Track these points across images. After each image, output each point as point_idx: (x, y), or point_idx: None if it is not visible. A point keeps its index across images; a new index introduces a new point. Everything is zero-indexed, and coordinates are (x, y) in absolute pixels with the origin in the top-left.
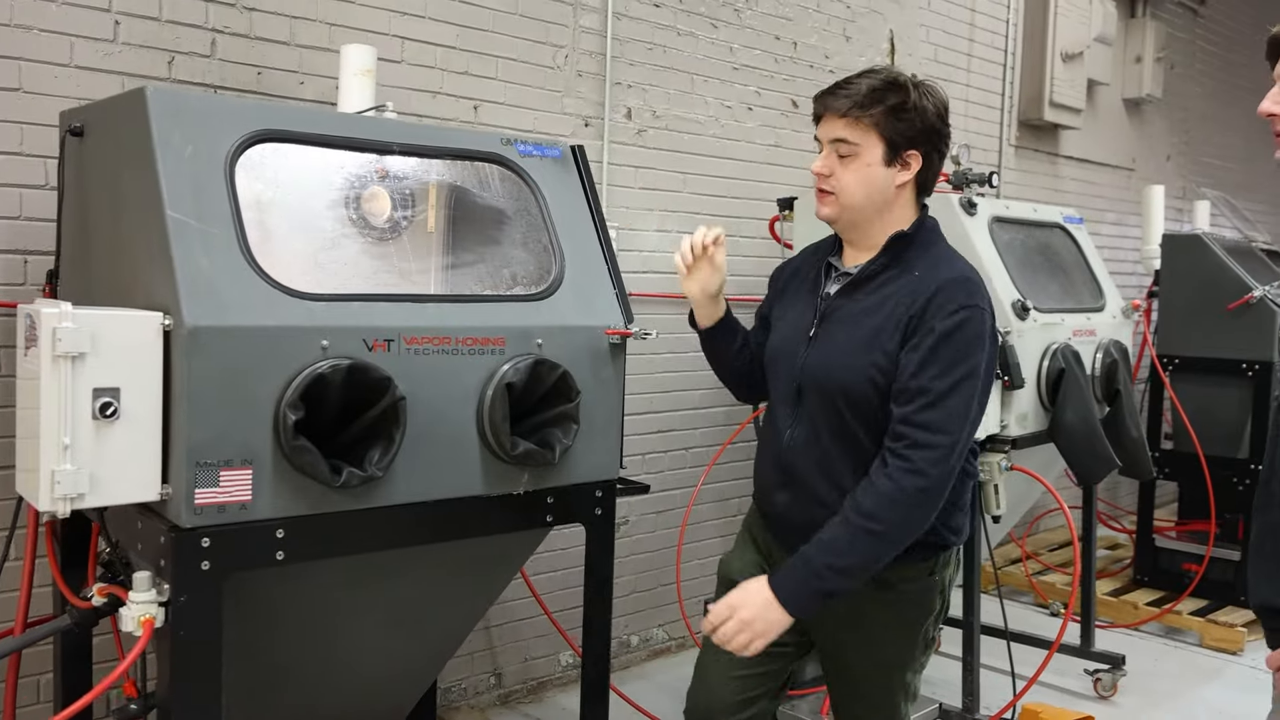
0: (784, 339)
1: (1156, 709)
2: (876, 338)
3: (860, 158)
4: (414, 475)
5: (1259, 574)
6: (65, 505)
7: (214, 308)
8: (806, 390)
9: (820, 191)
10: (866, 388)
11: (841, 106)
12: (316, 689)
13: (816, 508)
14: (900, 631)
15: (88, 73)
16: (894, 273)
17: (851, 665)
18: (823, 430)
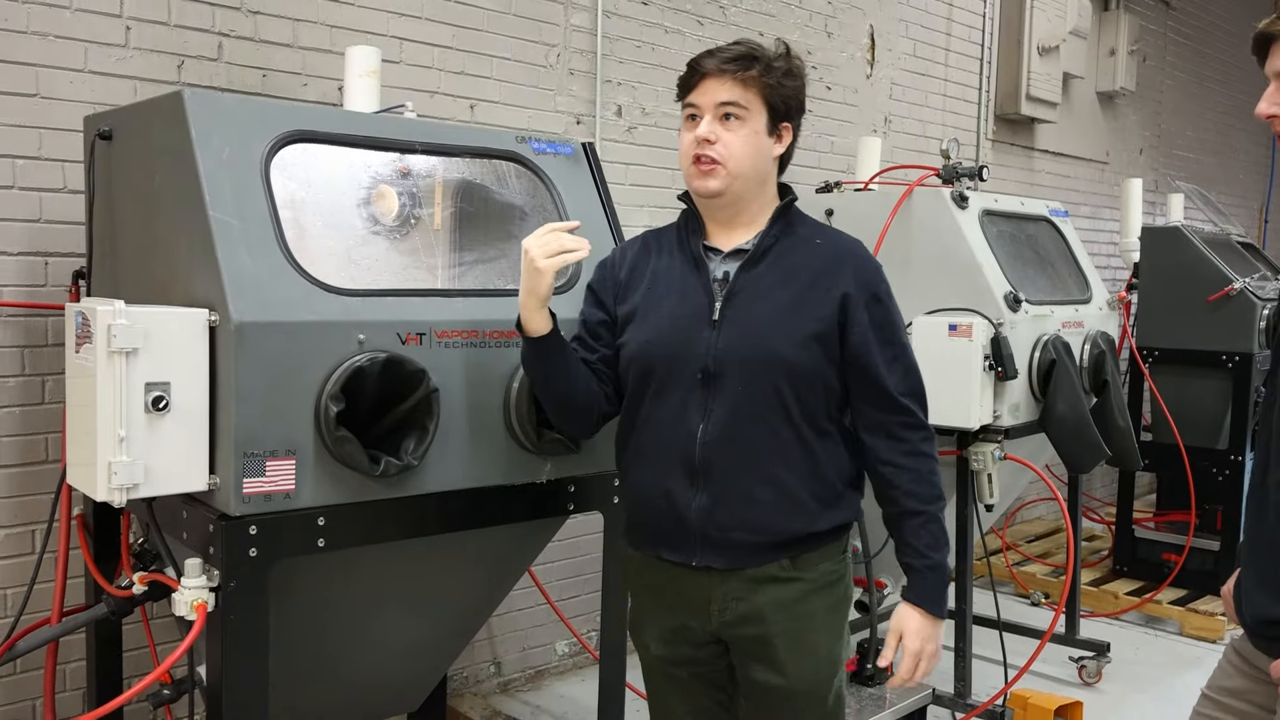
0: (666, 331)
1: (1141, 695)
2: (802, 305)
3: (748, 123)
4: (445, 465)
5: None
6: (121, 495)
7: (257, 304)
8: (723, 374)
9: (704, 162)
10: (803, 352)
11: (732, 68)
12: (343, 673)
13: (744, 505)
14: (833, 618)
15: (101, 77)
16: (789, 243)
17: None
18: (746, 413)
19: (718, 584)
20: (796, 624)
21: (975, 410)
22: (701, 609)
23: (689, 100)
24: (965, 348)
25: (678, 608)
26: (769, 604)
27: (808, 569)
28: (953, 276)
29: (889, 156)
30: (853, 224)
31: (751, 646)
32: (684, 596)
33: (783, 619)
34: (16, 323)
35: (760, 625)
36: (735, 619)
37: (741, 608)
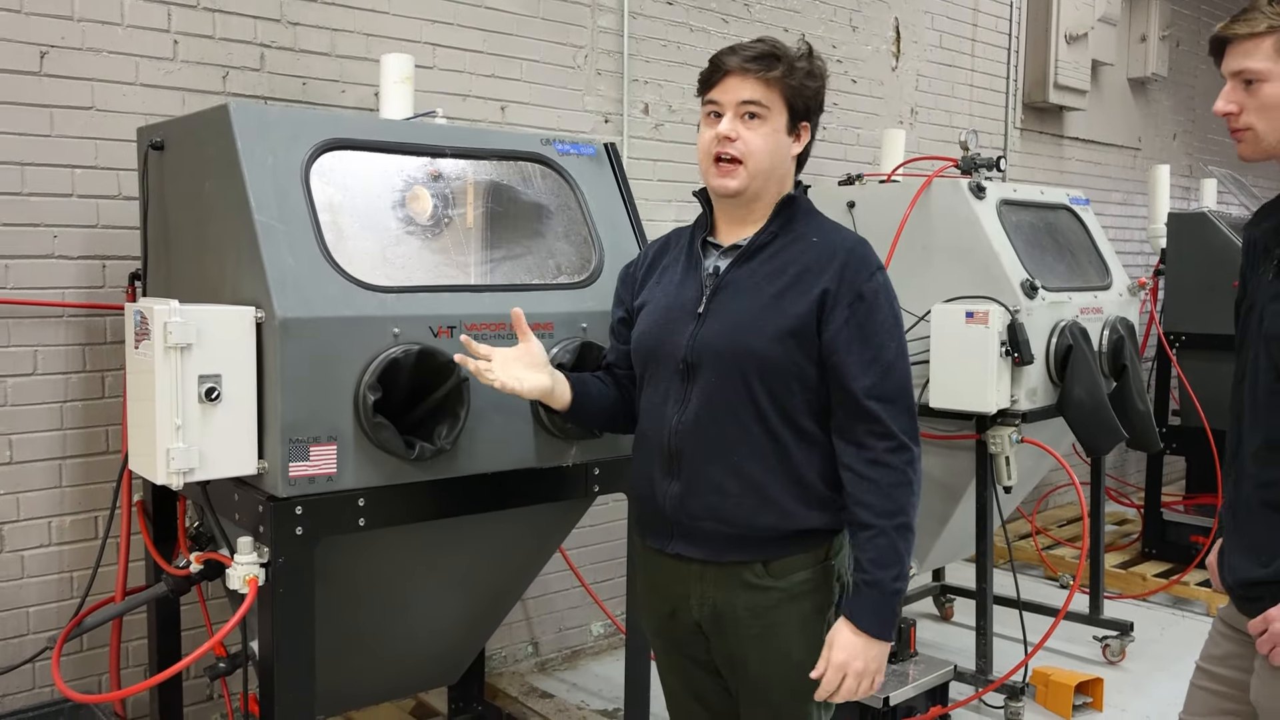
0: (659, 322)
1: (1163, 673)
2: (781, 301)
3: (769, 122)
4: (476, 449)
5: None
6: (179, 479)
7: (300, 301)
8: (700, 365)
9: (724, 162)
10: (777, 349)
11: (754, 67)
12: (384, 647)
13: (712, 495)
14: (810, 626)
15: (151, 90)
16: (786, 240)
17: (765, 679)
18: (718, 405)
19: (694, 578)
20: (766, 630)
21: (992, 395)
22: (684, 599)
23: (711, 97)
24: (982, 334)
25: (666, 595)
26: (743, 609)
27: (781, 576)
28: (970, 265)
29: (915, 148)
30: (874, 216)
31: (723, 644)
32: (670, 585)
33: (754, 625)
34: (78, 322)
35: (734, 627)
36: (710, 617)
37: (717, 607)
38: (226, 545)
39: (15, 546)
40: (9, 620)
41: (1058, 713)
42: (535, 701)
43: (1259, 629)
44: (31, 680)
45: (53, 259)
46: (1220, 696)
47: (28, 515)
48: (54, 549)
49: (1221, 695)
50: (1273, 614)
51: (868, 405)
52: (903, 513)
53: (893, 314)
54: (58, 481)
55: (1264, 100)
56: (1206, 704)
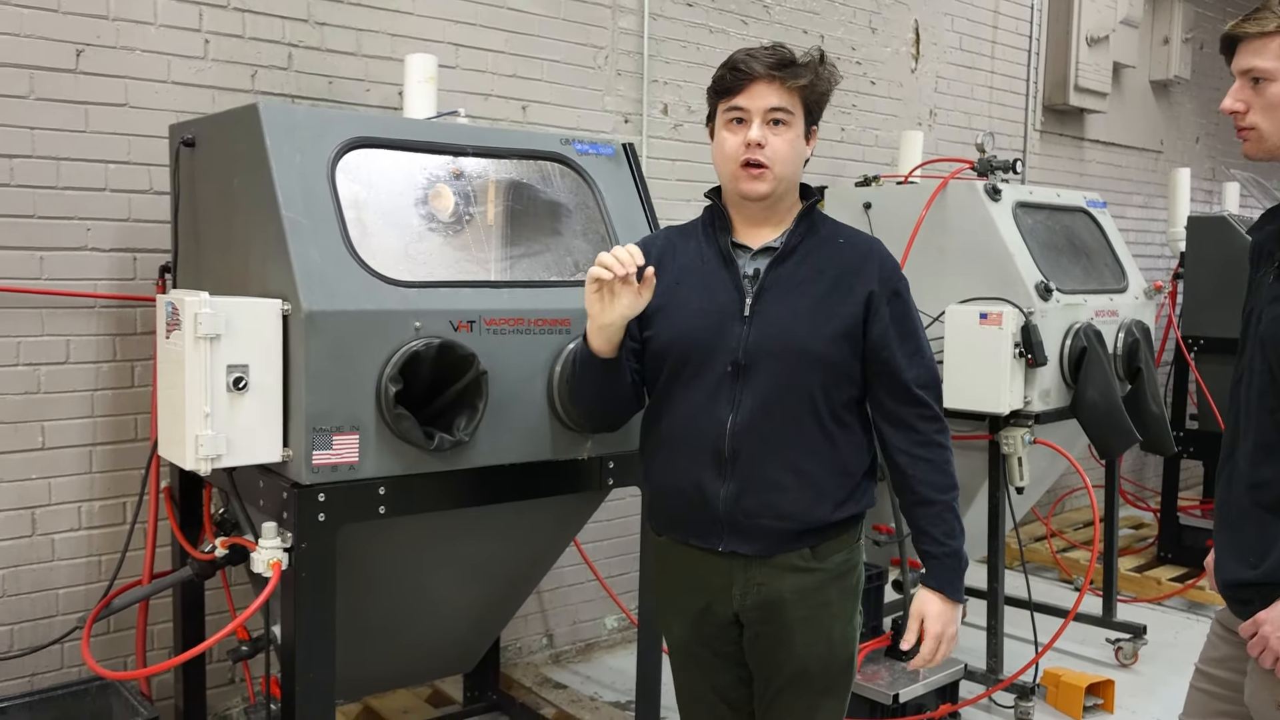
0: (695, 324)
1: (1176, 676)
2: (828, 303)
3: (792, 128)
4: (493, 441)
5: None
6: (207, 465)
7: (325, 295)
8: (754, 366)
9: (752, 167)
10: (832, 347)
11: (781, 75)
12: (401, 634)
13: (771, 492)
14: (847, 603)
15: (183, 88)
16: (814, 242)
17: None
18: (775, 405)
19: (740, 570)
20: (814, 611)
21: (1005, 396)
22: (724, 592)
23: (736, 103)
24: (995, 335)
25: (702, 590)
26: (790, 592)
27: (825, 559)
28: (985, 267)
29: (934, 149)
30: (890, 217)
31: (770, 630)
32: (708, 580)
33: (802, 607)
34: (109, 313)
35: (781, 611)
36: (756, 604)
37: (764, 593)
38: (251, 531)
39: (46, 530)
40: (39, 601)
41: (1068, 713)
42: (549, 692)
43: (1249, 632)
44: (60, 660)
45: (85, 251)
46: (1218, 699)
47: (58, 500)
48: (83, 533)
49: (1219, 697)
50: (1262, 617)
51: (918, 393)
52: (956, 485)
53: (916, 308)
54: (88, 467)
55: (1270, 99)
56: (1205, 706)
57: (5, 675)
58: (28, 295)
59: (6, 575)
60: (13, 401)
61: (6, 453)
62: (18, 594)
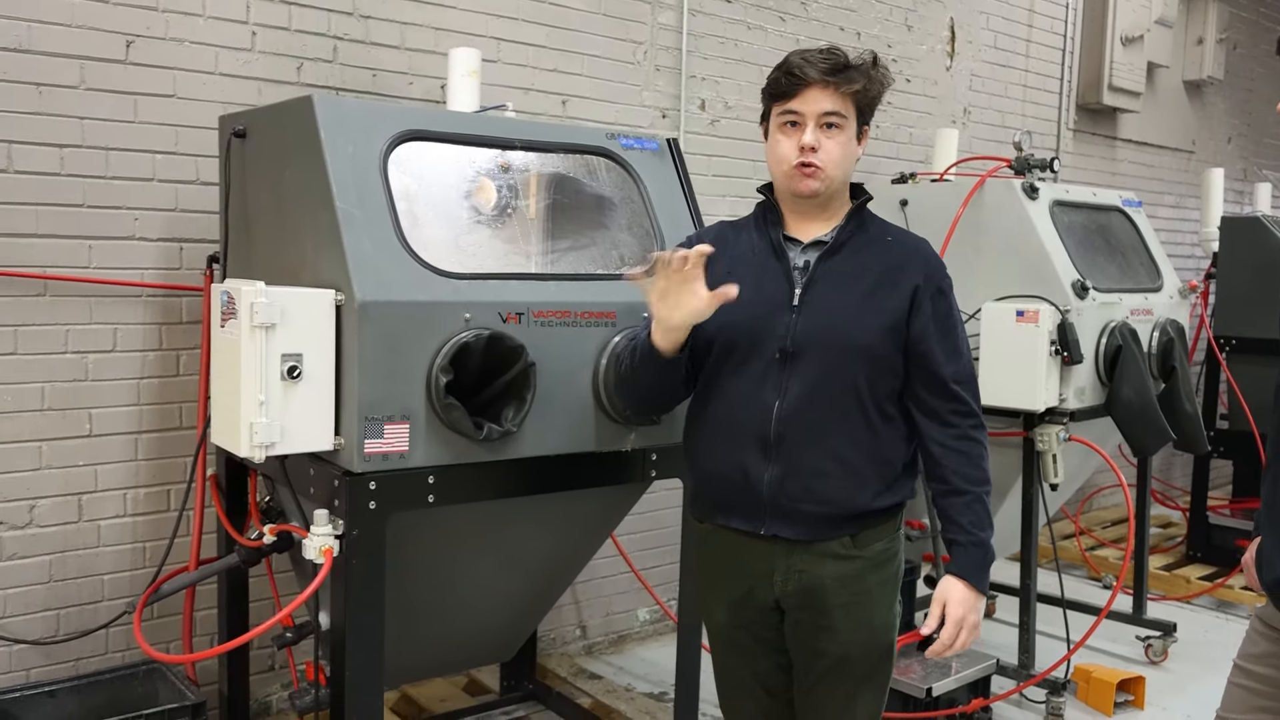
0: (747, 311)
1: (1207, 673)
2: (875, 297)
3: (845, 131)
4: (540, 432)
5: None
6: (261, 452)
7: (378, 285)
8: (801, 354)
9: (807, 167)
10: (877, 340)
11: (834, 80)
12: (444, 623)
13: (813, 477)
14: (886, 591)
15: (230, 79)
16: (862, 239)
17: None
18: (821, 393)
19: (782, 555)
20: (855, 598)
21: (1040, 393)
22: (766, 577)
23: (791, 107)
24: (1031, 333)
25: (744, 576)
26: (831, 579)
27: (865, 547)
28: (1022, 265)
29: (968, 147)
30: (926, 214)
31: (811, 617)
32: (750, 565)
33: (842, 594)
34: (155, 302)
35: (821, 598)
36: (796, 590)
37: (805, 580)
38: (301, 518)
39: (92, 516)
40: (85, 587)
41: (1099, 709)
42: (584, 682)
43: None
44: (105, 645)
45: (133, 240)
46: (1257, 694)
47: (105, 486)
48: (128, 519)
49: (1259, 694)
50: None
51: (954, 388)
52: (988, 480)
53: (957, 306)
54: (133, 455)
55: None
56: (1244, 702)
57: (52, 660)
58: (77, 284)
59: (53, 561)
60: (61, 388)
61: (55, 439)
62: (64, 579)
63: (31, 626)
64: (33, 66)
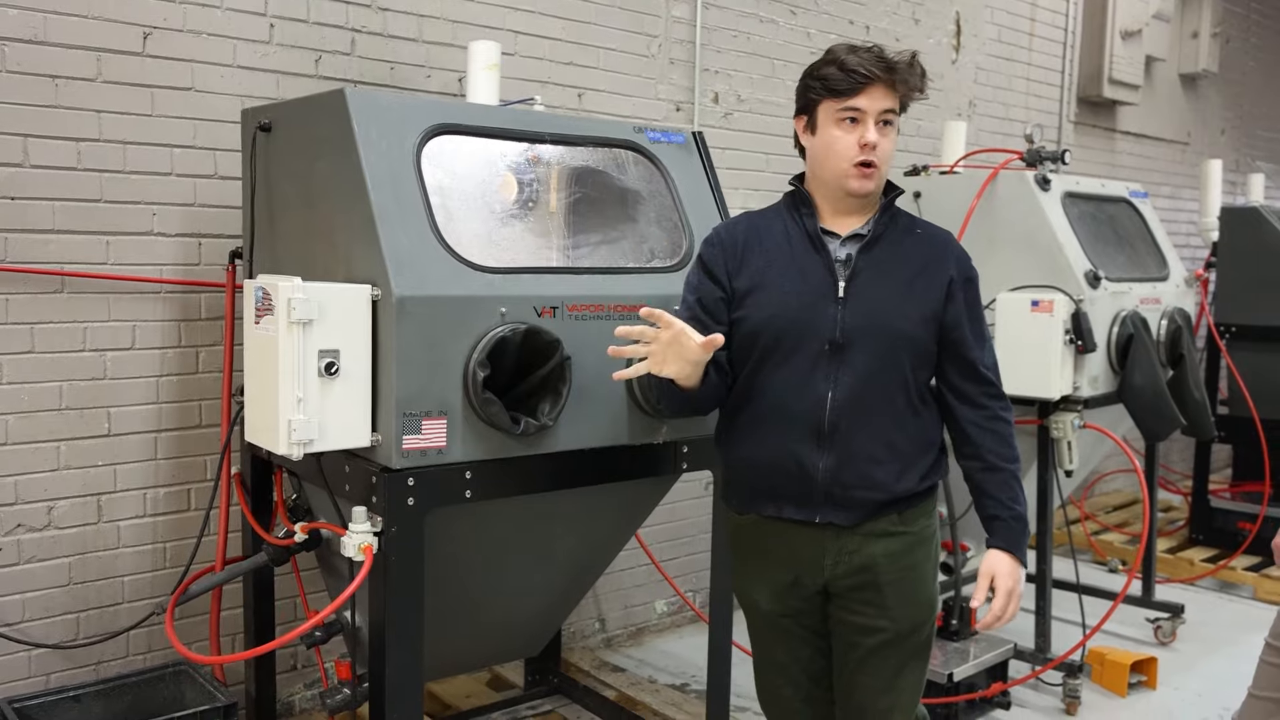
0: (790, 304)
1: (1214, 654)
2: (915, 288)
3: (895, 127)
4: (574, 426)
5: None
6: (299, 449)
7: (415, 280)
8: (851, 345)
9: (867, 166)
10: (920, 329)
11: (891, 77)
12: (477, 618)
13: (866, 464)
14: (930, 567)
15: (248, 72)
16: (896, 231)
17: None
18: (873, 381)
19: (832, 540)
20: (903, 574)
21: (1056, 381)
22: (815, 563)
23: (853, 104)
24: (1046, 322)
25: (793, 563)
26: (882, 556)
27: (912, 524)
28: (1035, 255)
29: (973, 139)
30: (940, 206)
31: (862, 594)
32: (799, 552)
33: (892, 570)
34: (174, 298)
35: (872, 574)
36: (847, 571)
37: (856, 560)
38: (337, 516)
39: (112, 517)
40: (105, 589)
41: (1113, 690)
42: (608, 675)
43: None
44: (126, 649)
45: (151, 236)
46: None
47: (124, 486)
48: (148, 520)
49: None
50: None
51: (985, 373)
52: (1019, 457)
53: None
54: (153, 454)
55: None
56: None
57: (73, 664)
58: (95, 280)
59: (73, 563)
60: (80, 387)
61: (74, 439)
62: (84, 581)
63: (51, 630)
64: (49, 59)
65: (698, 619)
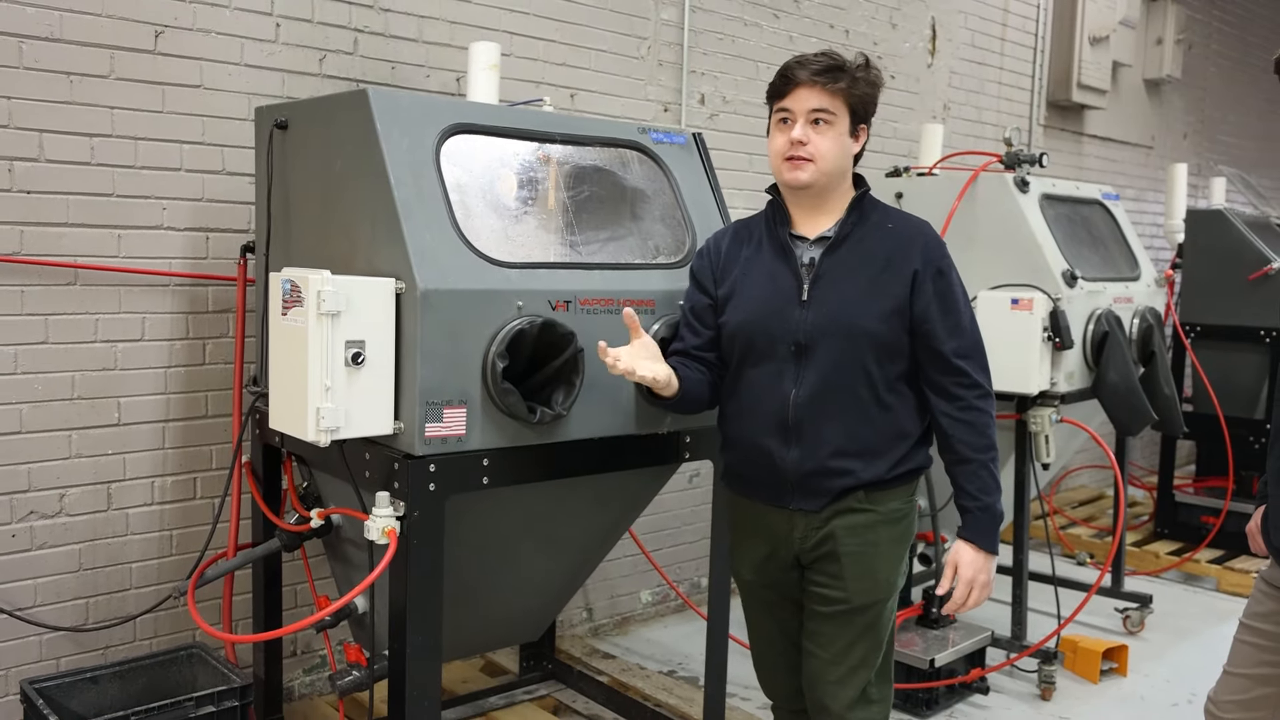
0: (759, 309)
1: (1182, 642)
2: (878, 284)
3: (835, 127)
4: (585, 416)
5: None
6: (327, 437)
7: (438, 274)
8: (815, 345)
9: (796, 160)
10: (882, 324)
11: (822, 80)
12: (477, 605)
13: (830, 457)
14: (895, 549)
15: (255, 70)
16: (865, 229)
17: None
18: (834, 380)
19: (801, 518)
20: (863, 548)
21: (1034, 377)
22: (786, 537)
23: (782, 105)
24: (1026, 320)
25: (768, 538)
26: (843, 528)
27: (879, 504)
28: (1014, 255)
29: (947, 142)
30: (921, 206)
31: (823, 565)
32: (773, 528)
33: (852, 542)
34: (183, 291)
35: (833, 545)
36: (814, 543)
37: (820, 533)
38: (360, 500)
39: (121, 504)
40: (113, 575)
41: (1086, 677)
42: (599, 661)
43: None
44: (134, 633)
45: (161, 230)
46: (1263, 650)
47: (133, 475)
48: (155, 508)
49: (1264, 649)
50: None
51: (957, 363)
52: (993, 446)
53: (961, 284)
54: (161, 443)
55: None
56: (1250, 658)
57: (82, 648)
58: (106, 273)
59: (83, 549)
60: (91, 377)
61: (85, 428)
62: (94, 568)
63: (62, 614)
64: (64, 56)
65: (682, 608)
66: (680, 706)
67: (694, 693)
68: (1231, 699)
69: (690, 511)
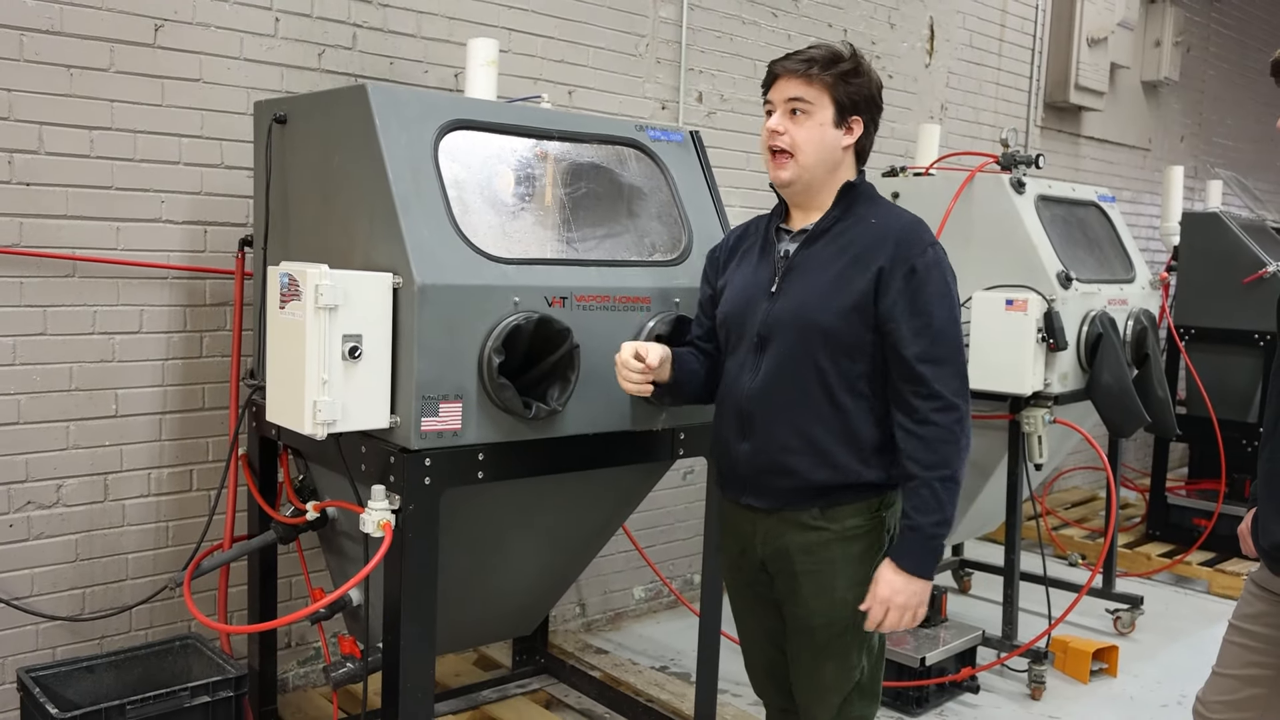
0: (738, 301)
1: (1172, 644)
2: (843, 279)
3: (814, 116)
4: (581, 412)
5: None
6: (323, 430)
7: (435, 269)
8: (772, 338)
9: (777, 154)
10: (840, 321)
11: (798, 68)
12: (472, 599)
13: (778, 452)
14: (856, 567)
15: (254, 64)
16: (847, 223)
17: (812, 612)
18: (785, 373)
19: (760, 520)
20: (818, 567)
21: (1028, 378)
22: (750, 537)
23: (767, 98)
24: (1020, 321)
25: (738, 537)
26: (795, 547)
27: (834, 521)
28: (1010, 256)
29: (944, 142)
30: (917, 206)
31: (782, 578)
32: (740, 528)
33: (806, 561)
34: (180, 284)
35: (788, 563)
36: (772, 554)
37: (776, 544)
38: (356, 493)
39: (118, 496)
40: (110, 566)
41: (1076, 677)
42: (592, 657)
43: None
44: (129, 623)
45: (159, 223)
46: (1252, 651)
47: (130, 466)
48: (152, 499)
49: (1253, 650)
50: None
51: (918, 370)
52: (946, 465)
53: (944, 285)
54: (157, 435)
55: None
56: (1239, 658)
57: (78, 637)
58: (105, 265)
59: (80, 540)
60: (89, 369)
61: (82, 419)
62: (90, 558)
63: (59, 604)
64: (64, 49)
65: (674, 605)
66: (672, 702)
67: (686, 689)
68: (1220, 699)
69: (684, 508)
